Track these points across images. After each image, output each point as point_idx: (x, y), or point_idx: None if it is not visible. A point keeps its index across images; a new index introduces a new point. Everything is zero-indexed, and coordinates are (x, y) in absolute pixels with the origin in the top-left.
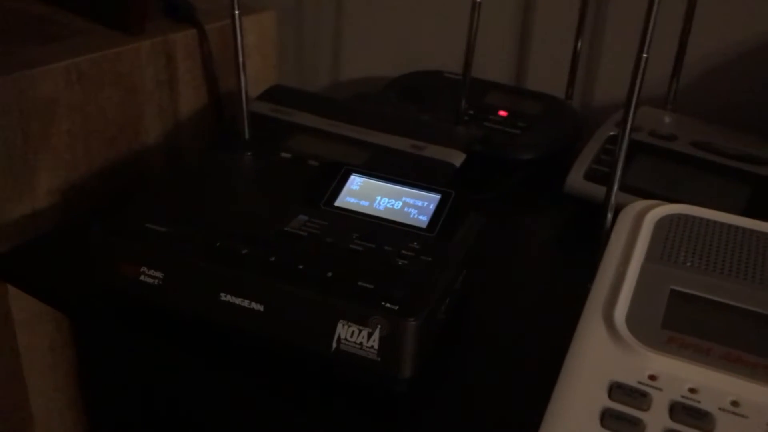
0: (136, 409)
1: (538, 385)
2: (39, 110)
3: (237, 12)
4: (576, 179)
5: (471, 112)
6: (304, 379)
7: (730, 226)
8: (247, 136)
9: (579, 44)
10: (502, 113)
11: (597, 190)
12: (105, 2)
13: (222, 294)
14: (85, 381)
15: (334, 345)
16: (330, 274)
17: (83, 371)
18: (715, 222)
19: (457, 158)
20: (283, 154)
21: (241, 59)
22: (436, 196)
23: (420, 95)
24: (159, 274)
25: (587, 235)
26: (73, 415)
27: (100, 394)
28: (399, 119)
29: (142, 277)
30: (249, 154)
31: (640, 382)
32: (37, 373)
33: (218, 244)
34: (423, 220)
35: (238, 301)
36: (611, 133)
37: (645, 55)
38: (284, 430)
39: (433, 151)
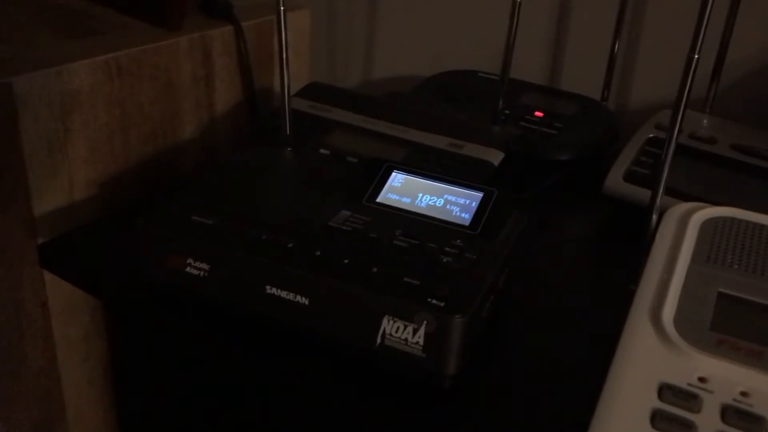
0: (168, 403)
1: (582, 384)
2: (79, 103)
3: (282, 9)
4: (615, 180)
5: (507, 111)
6: (348, 373)
7: None
8: (288, 132)
9: (616, 46)
10: (538, 114)
11: (636, 192)
12: None
13: (268, 287)
14: (117, 373)
15: (379, 340)
16: (375, 269)
17: (115, 363)
18: (761, 225)
19: (496, 157)
20: (322, 151)
21: (285, 55)
22: (479, 194)
23: (454, 95)
24: (205, 266)
25: (626, 236)
26: (105, 406)
27: (132, 386)
28: (436, 117)
29: (188, 269)
30: (289, 149)
31: (690, 384)
32: (71, 363)
33: (264, 237)
34: (466, 218)
35: (283, 294)
36: (651, 135)
37: (696, 56)
38: (325, 424)
39: (472, 150)
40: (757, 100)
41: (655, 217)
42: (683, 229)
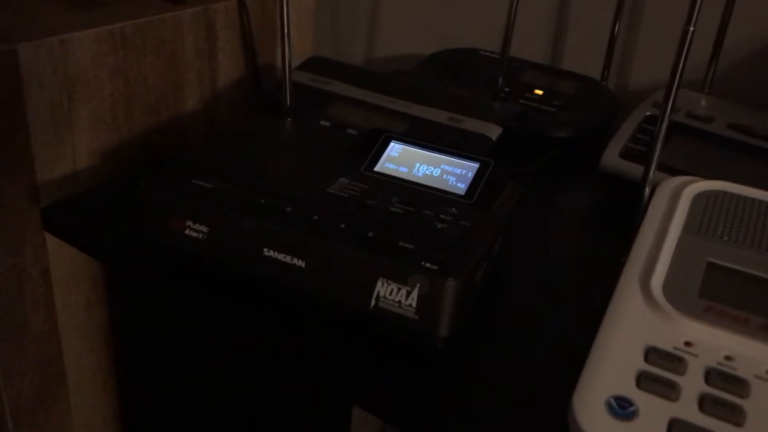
0: (168, 370)
1: (572, 349)
2: (83, 73)
3: None
4: (611, 157)
5: (507, 89)
6: (343, 334)
7: (766, 202)
8: (288, 103)
9: (617, 27)
10: (538, 92)
11: (632, 168)
12: None
13: (265, 249)
14: (117, 341)
15: (373, 302)
16: (371, 234)
17: (116, 331)
18: (751, 198)
19: (494, 132)
20: (323, 122)
21: (286, 29)
22: (475, 165)
23: (456, 72)
24: (204, 229)
25: (621, 211)
26: (105, 373)
27: (132, 353)
28: (437, 92)
29: (187, 231)
30: (290, 120)
31: (676, 348)
32: (72, 329)
33: (263, 201)
34: (461, 187)
35: (280, 257)
36: (648, 113)
37: (692, 29)
38: (321, 384)
39: (470, 124)
40: (756, 81)
41: (647, 190)
42: (675, 201)
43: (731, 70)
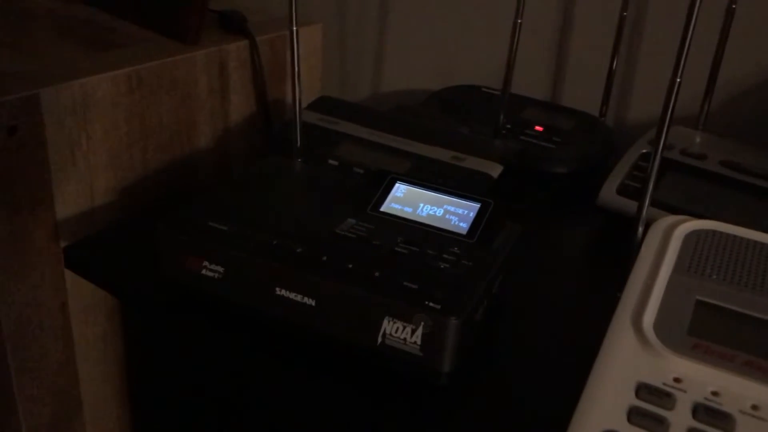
0: (181, 400)
1: (567, 384)
2: (101, 113)
3: (295, 28)
4: (609, 193)
5: (508, 126)
6: (351, 370)
7: (755, 242)
8: (299, 144)
9: (615, 64)
10: (538, 128)
11: (628, 205)
12: (164, 13)
13: (277, 289)
14: (132, 372)
15: (380, 339)
16: (377, 273)
17: (131, 362)
18: (740, 238)
19: (495, 170)
20: (331, 162)
21: (297, 70)
22: (476, 205)
23: (459, 109)
24: (220, 269)
25: (618, 247)
26: (120, 404)
27: (147, 385)
28: (440, 131)
29: (204, 271)
30: (300, 160)
31: (665, 384)
32: (89, 361)
33: (275, 242)
34: (463, 227)
35: (292, 296)
36: (644, 151)
37: (678, 80)
38: (329, 419)
39: (472, 163)
40: (749, 118)
41: (641, 228)
42: (667, 240)
43: (726, 105)
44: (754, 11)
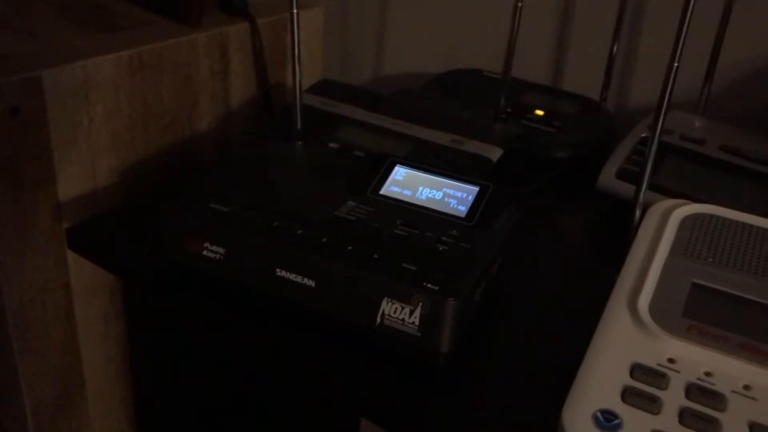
0: (182, 380)
1: (564, 363)
2: (103, 95)
3: (295, 11)
4: (608, 177)
5: (509, 110)
6: (350, 350)
7: (750, 226)
8: (299, 126)
9: (615, 48)
10: (539, 112)
11: (627, 189)
12: None
13: (278, 270)
14: (134, 351)
15: (378, 320)
16: (376, 255)
17: (133, 342)
18: (736, 222)
19: (495, 153)
20: (331, 145)
21: (297, 53)
22: (475, 188)
23: (460, 92)
24: (221, 250)
25: (617, 230)
26: (122, 383)
27: (148, 364)
28: (440, 115)
29: (205, 252)
30: (301, 143)
31: (659, 364)
32: (91, 340)
33: (275, 224)
34: (462, 210)
35: (292, 276)
36: (643, 135)
37: (676, 65)
38: (329, 398)
39: (472, 146)
40: (749, 103)
41: (638, 212)
42: (664, 224)
43: (726, 90)
44: None
